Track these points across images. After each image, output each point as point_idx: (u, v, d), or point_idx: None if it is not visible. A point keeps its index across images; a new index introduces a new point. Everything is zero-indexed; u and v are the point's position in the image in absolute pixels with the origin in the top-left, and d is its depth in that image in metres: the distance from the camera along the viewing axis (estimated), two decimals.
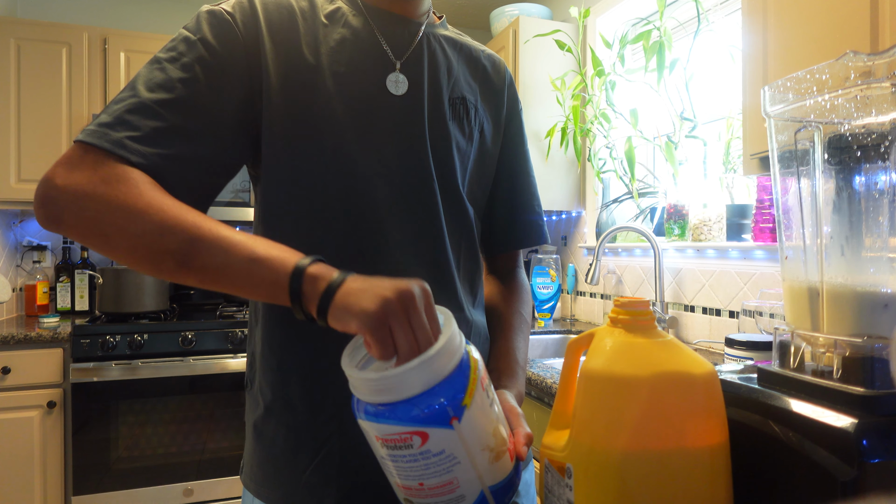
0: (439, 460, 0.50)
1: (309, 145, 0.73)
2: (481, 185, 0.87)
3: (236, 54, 0.70)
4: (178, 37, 0.70)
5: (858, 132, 0.50)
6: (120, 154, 0.61)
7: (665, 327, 1.94)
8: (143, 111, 0.64)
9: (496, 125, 0.89)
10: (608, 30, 2.49)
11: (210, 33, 0.70)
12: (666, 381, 0.51)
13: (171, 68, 0.67)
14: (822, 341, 0.51)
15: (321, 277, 0.57)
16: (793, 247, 0.56)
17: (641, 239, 2.19)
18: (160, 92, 0.65)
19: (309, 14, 0.76)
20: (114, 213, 0.59)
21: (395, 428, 0.49)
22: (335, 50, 0.75)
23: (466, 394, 0.50)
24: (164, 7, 3.08)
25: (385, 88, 0.76)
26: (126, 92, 0.66)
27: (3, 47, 2.48)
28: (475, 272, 0.86)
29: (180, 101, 0.66)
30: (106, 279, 2.44)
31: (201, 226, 0.60)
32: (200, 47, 0.69)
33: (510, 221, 0.92)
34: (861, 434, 0.44)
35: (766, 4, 1.30)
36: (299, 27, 0.74)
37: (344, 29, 0.76)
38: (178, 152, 0.65)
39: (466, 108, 0.83)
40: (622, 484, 0.50)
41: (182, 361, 2.34)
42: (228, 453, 2.40)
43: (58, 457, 2.25)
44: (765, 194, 1.59)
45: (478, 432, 0.51)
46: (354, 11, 0.78)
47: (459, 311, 0.80)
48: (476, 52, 0.89)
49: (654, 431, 0.50)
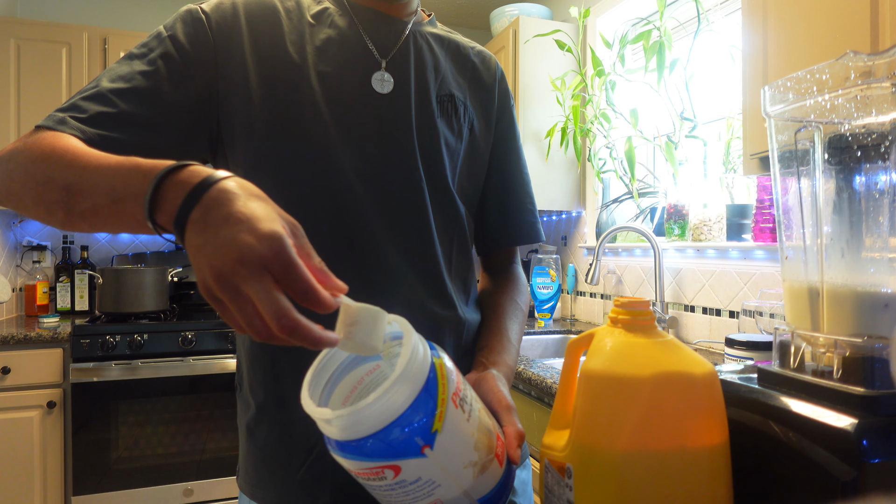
0: (417, 487, 0.47)
1: (294, 144, 0.73)
2: (473, 183, 0.86)
3: (204, 54, 0.71)
4: (154, 32, 0.73)
5: (858, 132, 0.50)
6: (59, 129, 0.62)
7: (665, 327, 1.94)
8: (98, 98, 0.66)
9: (487, 121, 0.88)
10: (608, 30, 2.49)
11: (181, 31, 0.72)
12: (666, 381, 0.51)
13: (136, 62, 0.69)
14: (822, 341, 0.51)
15: (187, 181, 0.46)
16: (793, 247, 0.56)
17: (641, 239, 2.19)
18: (119, 82, 0.67)
19: (295, 14, 0.76)
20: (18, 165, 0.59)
21: (366, 463, 0.46)
22: (321, 49, 0.75)
23: (436, 417, 0.46)
24: (165, 7, 3.08)
25: (370, 87, 0.76)
26: (91, 83, 0.68)
27: (3, 47, 2.48)
28: (467, 270, 0.85)
29: (136, 90, 0.67)
30: (106, 279, 2.44)
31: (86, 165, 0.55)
32: (169, 43, 0.71)
33: (502, 218, 0.91)
34: (861, 434, 0.44)
35: (766, 4, 1.30)
36: (283, 27, 0.75)
37: (330, 29, 0.77)
38: (120, 137, 0.65)
39: (455, 105, 0.83)
40: (622, 484, 0.50)
41: (182, 361, 2.34)
42: (228, 453, 2.40)
43: (58, 457, 2.25)
44: (765, 194, 1.59)
45: (456, 451, 0.48)
46: (341, 11, 0.79)
47: (451, 310, 0.80)
48: (465, 49, 0.88)
49: (654, 431, 0.50)
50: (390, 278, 0.75)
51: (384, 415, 0.45)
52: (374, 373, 0.55)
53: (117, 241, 2.99)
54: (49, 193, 0.56)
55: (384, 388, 0.44)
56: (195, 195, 0.44)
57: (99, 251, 2.95)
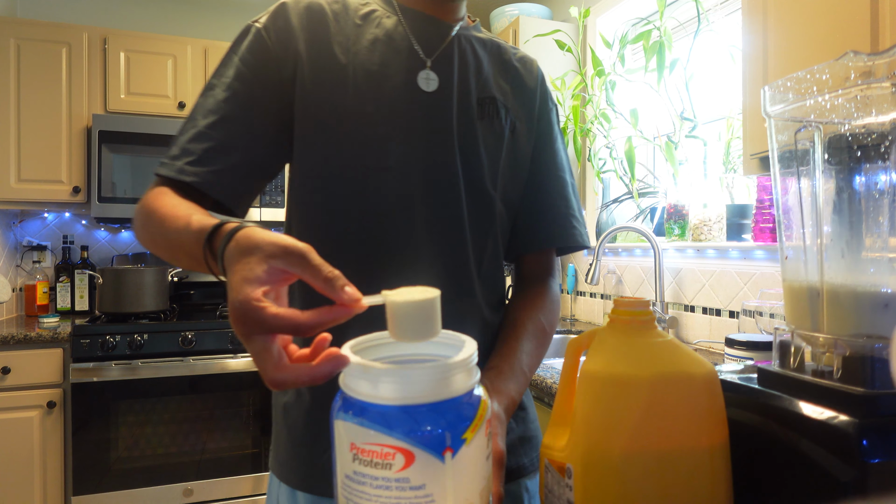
0: (413, 497, 0.42)
1: (340, 141, 0.76)
2: (514, 186, 0.87)
3: (269, 67, 0.77)
4: (225, 57, 0.79)
5: (859, 132, 0.50)
6: (180, 178, 0.72)
7: (665, 327, 1.94)
8: (199, 137, 0.74)
9: (528, 125, 0.89)
10: (608, 30, 2.49)
11: (246, 50, 0.78)
12: (666, 381, 0.51)
13: (217, 91, 0.77)
14: (822, 341, 0.51)
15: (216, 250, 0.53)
16: (793, 247, 0.56)
17: (641, 239, 2.19)
18: (210, 116, 0.75)
19: (342, 16, 0.80)
20: (141, 224, 0.72)
21: (380, 437, 0.42)
22: (367, 49, 0.78)
23: (470, 427, 0.43)
24: (164, 7, 3.08)
25: (416, 85, 0.79)
26: (189, 122, 0.76)
27: (3, 47, 2.48)
28: (497, 273, 0.86)
29: (225, 119, 0.75)
30: (106, 279, 2.44)
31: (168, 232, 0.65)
32: (240, 65, 0.77)
33: (534, 220, 0.89)
34: (861, 434, 0.44)
35: (766, 4, 1.30)
36: (331, 29, 0.79)
37: (377, 29, 0.80)
38: (224, 166, 0.74)
39: (496, 107, 0.84)
40: (622, 484, 0.50)
41: (182, 361, 2.34)
42: (228, 453, 2.40)
43: (58, 457, 2.25)
44: (765, 194, 1.59)
45: (465, 481, 0.44)
46: (388, 13, 0.82)
47: (476, 308, 0.81)
48: (507, 53, 0.90)
49: (654, 431, 0.50)
50: (422, 272, 0.77)
51: (435, 388, 0.42)
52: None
53: (117, 241, 2.99)
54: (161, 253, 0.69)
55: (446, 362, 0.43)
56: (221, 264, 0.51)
57: (99, 251, 2.95)
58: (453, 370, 0.43)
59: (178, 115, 2.72)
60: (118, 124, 2.56)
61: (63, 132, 2.57)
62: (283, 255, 0.46)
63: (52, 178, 2.56)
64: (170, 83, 2.71)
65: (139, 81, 2.67)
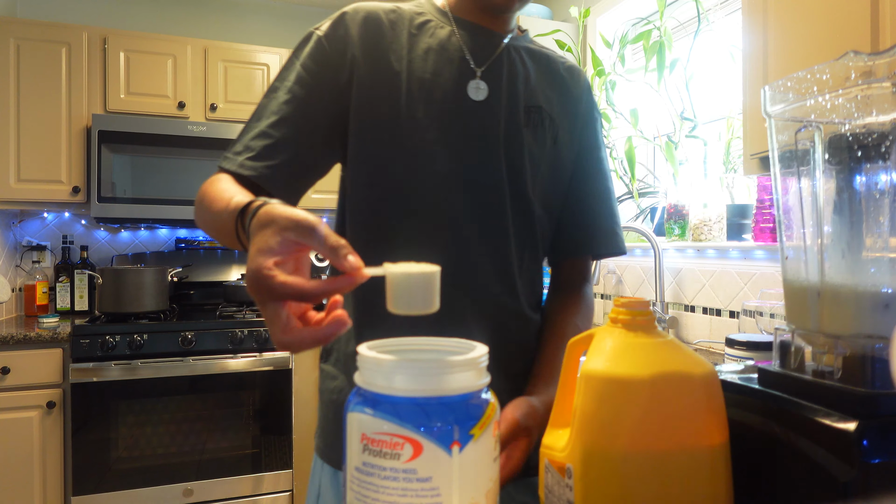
0: (420, 490, 0.43)
1: (392, 145, 0.81)
2: (555, 193, 0.91)
3: (327, 73, 0.82)
4: (287, 62, 0.85)
5: (859, 132, 0.50)
6: (239, 172, 0.78)
7: (665, 327, 1.94)
8: (260, 136, 0.80)
9: (572, 133, 0.93)
10: (608, 30, 2.49)
11: (307, 56, 0.83)
12: (666, 381, 0.51)
13: (279, 94, 0.82)
14: (822, 341, 0.51)
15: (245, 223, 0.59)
16: (793, 247, 0.56)
17: (641, 239, 2.19)
18: (271, 117, 0.81)
19: (398, 25, 0.85)
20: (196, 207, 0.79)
21: (391, 427, 0.43)
22: (421, 58, 0.83)
23: (478, 424, 0.44)
24: (164, 7, 3.08)
25: (466, 94, 0.83)
26: (251, 122, 0.82)
27: (3, 47, 2.48)
28: (536, 274, 0.91)
29: (284, 120, 0.80)
30: (105, 279, 2.44)
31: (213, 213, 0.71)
32: (301, 70, 0.82)
33: (574, 227, 0.94)
34: (861, 434, 0.44)
35: (766, 4, 1.30)
36: (386, 37, 0.84)
37: (431, 39, 0.85)
38: (281, 161, 0.79)
39: (541, 116, 0.88)
40: (622, 484, 0.50)
41: (182, 361, 2.34)
42: (228, 453, 2.40)
43: (57, 457, 2.25)
44: (765, 194, 1.59)
45: (472, 478, 0.45)
46: (442, 23, 0.86)
47: (518, 306, 0.86)
48: (555, 64, 0.93)
49: (654, 431, 0.50)
50: (469, 270, 0.83)
51: (444, 383, 0.44)
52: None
53: (117, 241, 2.99)
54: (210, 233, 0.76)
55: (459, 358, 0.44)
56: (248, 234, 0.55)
57: (99, 251, 2.95)
58: (464, 367, 0.45)
59: (178, 114, 2.72)
60: (118, 124, 2.56)
61: (63, 132, 2.57)
62: (295, 228, 0.49)
63: (52, 178, 2.56)
64: (170, 83, 2.71)
65: (139, 81, 2.67)
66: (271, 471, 2.45)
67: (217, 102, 2.77)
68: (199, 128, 2.66)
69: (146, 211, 2.60)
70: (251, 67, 2.82)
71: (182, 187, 2.64)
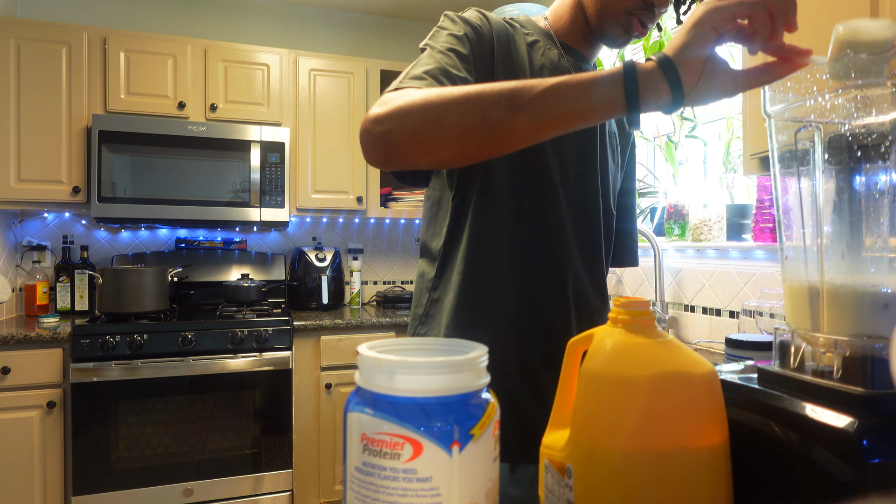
0: (420, 490, 0.43)
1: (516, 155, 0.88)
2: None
3: (483, 43, 0.88)
4: (431, 37, 0.88)
5: (859, 132, 0.50)
6: (414, 86, 0.76)
7: (665, 327, 1.94)
8: (420, 78, 0.79)
9: (623, 156, 1.08)
10: None
11: (463, 21, 0.88)
12: (666, 381, 0.51)
13: (440, 43, 0.85)
14: (822, 341, 0.51)
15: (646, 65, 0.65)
16: (793, 247, 0.56)
17: (641, 239, 2.19)
18: (443, 49, 0.84)
19: (519, 37, 0.94)
20: (437, 106, 0.70)
21: (391, 427, 0.43)
22: (538, 73, 0.92)
23: (478, 424, 0.45)
24: (164, 7, 3.08)
25: None
26: (420, 62, 0.82)
27: (3, 47, 2.48)
28: (605, 273, 1.03)
29: (454, 50, 0.84)
30: (106, 279, 2.44)
31: (503, 82, 0.69)
32: (455, 32, 0.86)
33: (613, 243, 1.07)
34: (861, 434, 0.44)
35: None
36: (511, 47, 0.92)
37: (543, 58, 0.94)
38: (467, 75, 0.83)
39: (614, 141, 1.02)
40: (622, 484, 0.50)
41: (182, 361, 2.34)
42: (228, 453, 2.40)
43: (58, 457, 2.25)
44: (765, 194, 1.59)
45: (472, 478, 0.45)
46: (550, 45, 0.95)
47: (605, 305, 0.99)
48: None
49: (654, 431, 0.50)
50: (572, 273, 0.93)
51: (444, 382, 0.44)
52: None
53: (117, 241, 2.99)
54: (494, 112, 0.67)
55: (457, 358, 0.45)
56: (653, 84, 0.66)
57: (99, 251, 2.95)
58: (463, 367, 0.45)
59: (178, 114, 2.72)
60: (118, 124, 2.56)
61: (63, 132, 2.57)
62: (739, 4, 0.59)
63: (52, 178, 2.56)
64: (170, 83, 2.71)
65: (139, 81, 2.67)
66: (271, 471, 2.45)
67: (217, 102, 2.77)
68: (200, 128, 2.66)
69: (146, 211, 2.60)
70: (251, 67, 2.82)
71: (182, 187, 2.64)
